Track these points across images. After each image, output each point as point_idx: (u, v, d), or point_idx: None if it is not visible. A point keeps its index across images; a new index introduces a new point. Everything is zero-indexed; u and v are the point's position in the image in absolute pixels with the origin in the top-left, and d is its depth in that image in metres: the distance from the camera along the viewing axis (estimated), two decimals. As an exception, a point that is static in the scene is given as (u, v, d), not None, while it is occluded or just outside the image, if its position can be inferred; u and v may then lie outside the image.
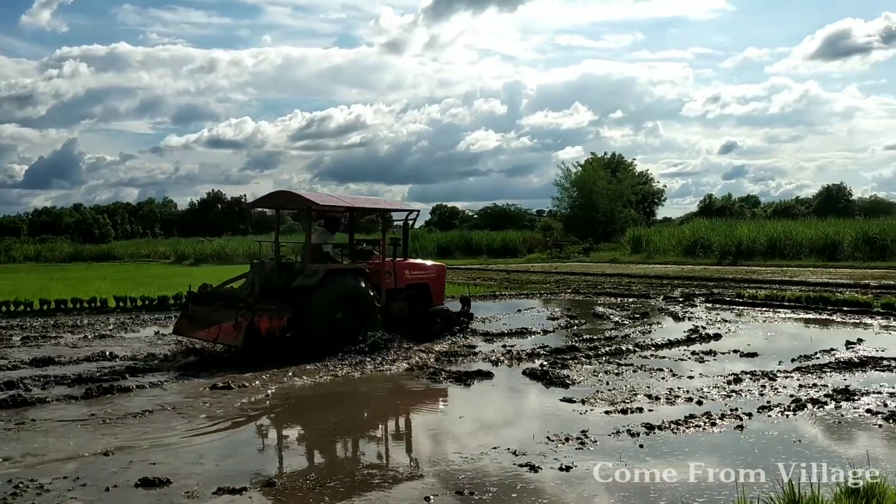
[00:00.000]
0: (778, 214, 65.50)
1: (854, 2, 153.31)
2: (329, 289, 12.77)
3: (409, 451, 7.85)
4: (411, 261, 15.65)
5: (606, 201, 63.45)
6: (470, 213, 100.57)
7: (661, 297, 22.80)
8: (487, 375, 10.98)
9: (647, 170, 76.78)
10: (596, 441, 7.46)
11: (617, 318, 17.41)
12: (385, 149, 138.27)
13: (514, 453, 7.11)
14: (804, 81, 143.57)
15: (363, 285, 13.33)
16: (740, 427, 7.88)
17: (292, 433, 8.66)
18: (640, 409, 8.70)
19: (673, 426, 7.90)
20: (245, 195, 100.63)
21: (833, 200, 71.74)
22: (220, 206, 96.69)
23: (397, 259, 14.80)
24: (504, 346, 13.53)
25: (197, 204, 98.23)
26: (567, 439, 7.51)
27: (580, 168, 67.91)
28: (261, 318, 12.00)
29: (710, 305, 20.44)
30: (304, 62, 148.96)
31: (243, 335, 11.81)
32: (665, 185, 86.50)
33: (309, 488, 6.31)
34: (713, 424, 7.98)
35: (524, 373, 11.11)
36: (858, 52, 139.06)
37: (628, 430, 7.74)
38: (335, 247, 14.49)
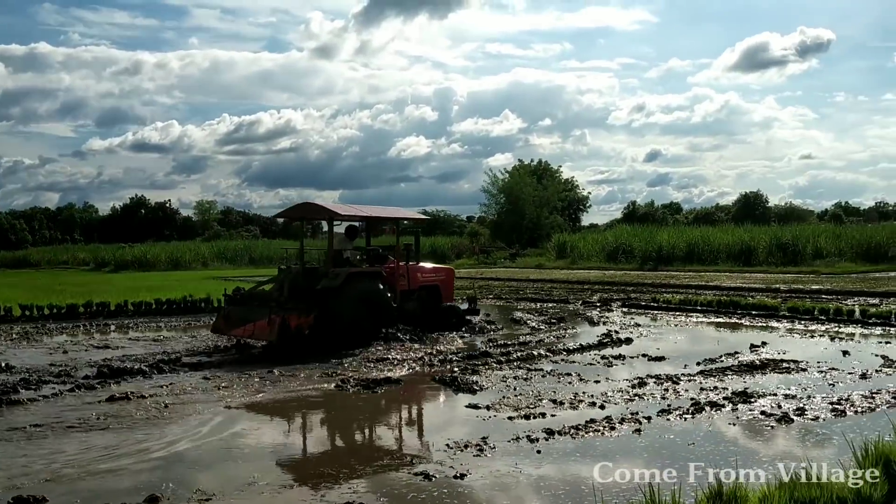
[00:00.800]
0: (699, 221, 67.21)
1: (771, 16, 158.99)
2: (349, 290, 14.07)
3: (300, 463, 7.62)
4: (423, 265, 17.20)
5: (533, 208, 64.15)
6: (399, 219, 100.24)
7: (580, 302, 23.08)
8: (396, 382, 10.87)
9: (573, 177, 78.00)
10: (495, 447, 7.41)
11: (534, 324, 17.52)
12: (315, 154, 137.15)
13: (411, 462, 7.01)
14: (725, 92, 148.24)
15: (380, 287, 14.74)
16: (638, 431, 7.94)
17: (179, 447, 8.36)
18: (544, 415, 8.70)
19: (572, 431, 7.92)
20: (169, 200, 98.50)
21: (751, 207, 74.12)
22: (143, 211, 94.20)
23: (410, 263, 16.18)
24: (417, 352, 13.44)
25: (120, 209, 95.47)
26: (466, 446, 7.45)
27: (507, 175, 68.55)
28: (290, 316, 13.41)
29: (626, 310, 20.77)
30: (232, 66, 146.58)
31: (277, 330, 13.21)
32: (590, 192, 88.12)
33: (197, 500, 6.08)
34: (612, 429, 8.03)
35: (434, 379, 11.05)
36: (775, 65, 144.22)
37: (528, 437, 7.71)
38: (354, 252, 15.62)
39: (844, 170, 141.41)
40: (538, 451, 7.26)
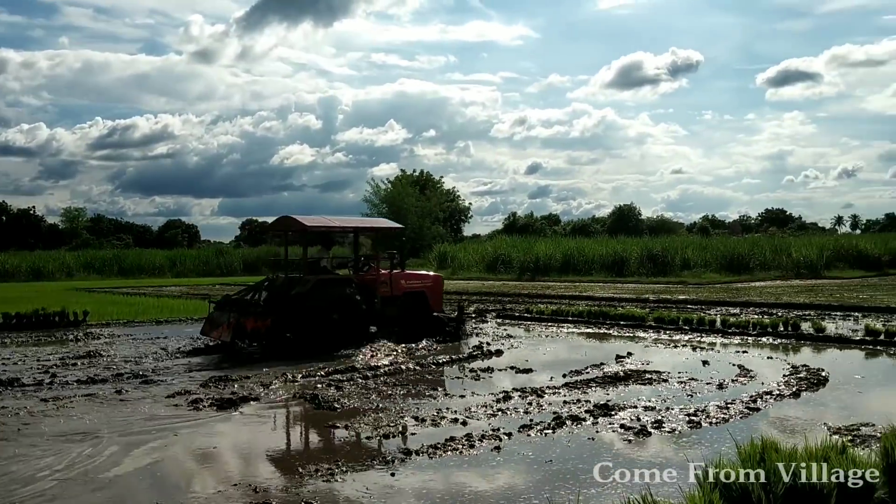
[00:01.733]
0: (576, 232, 69.05)
1: (645, 37, 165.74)
2: (317, 296, 14.83)
3: (136, 491, 6.98)
4: (409, 272, 18.01)
5: (415, 218, 64.12)
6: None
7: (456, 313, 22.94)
8: (255, 399, 10.33)
9: (454, 187, 78.64)
10: (347, 471, 7.04)
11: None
12: (194, 161, 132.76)
13: (255, 490, 6.54)
14: (602, 108, 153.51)
15: (348, 292, 15.26)
16: (497, 448, 7.74)
17: None
18: (403, 433, 8.40)
19: (430, 450, 7.63)
20: (34, 206, 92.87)
21: (624, 219, 76.71)
22: (3, 218, 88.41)
23: (397, 270, 16.96)
24: (282, 368, 12.90)
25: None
26: (317, 470, 7.04)
27: (390, 185, 68.37)
28: (247, 319, 14.69)
29: (500, 321, 20.82)
30: (106, 67, 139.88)
31: (230, 331, 14.69)
32: (471, 203, 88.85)
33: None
34: (471, 447, 7.79)
35: (295, 396, 10.55)
36: (649, 83, 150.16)
37: (384, 458, 7.38)
38: (333, 259, 16.92)
39: (712, 184, 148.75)
40: (392, 474, 6.93)
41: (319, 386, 11.19)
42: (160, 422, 9.25)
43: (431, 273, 18.65)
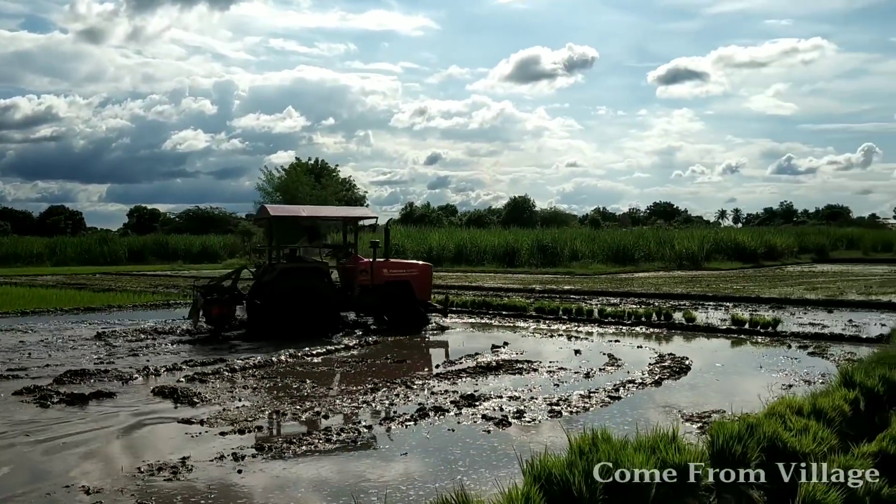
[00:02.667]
0: (471, 223, 69.64)
1: (543, 31, 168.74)
2: (282, 283, 15.39)
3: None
4: (395, 261, 18.38)
5: (310, 207, 63.16)
6: (171, 216, 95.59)
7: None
8: (110, 395, 9.83)
9: (351, 176, 77.95)
10: (192, 469, 6.73)
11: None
12: (81, 144, 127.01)
13: (87, 492, 6.16)
14: (501, 101, 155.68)
15: (314, 280, 15.69)
16: (354, 441, 7.60)
17: None
18: (260, 428, 8.15)
19: (285, 445, 7.41)
20: None
21: (519, 211, 77.92)
22: None
23: (380, 259, 17.13)
24: (147, 359, 12.38)
25: None
26: (161, 469, 6.71)
27: (284, 173, 67.05)
28: (213, 307, 15.79)
29: (385, 311, 20.65)
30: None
31: (190, 311, 16.56)
32: (366, 192, 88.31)
33: None
34: (328, 441, 7.61)
35: (154, 391, 10.09)
36: (546, 78, 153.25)
37: (234, 454, 7.10)
38: (311, 248, 17.32)
39: (605, 178, 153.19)
40: (239, 471, 6.68)
41: (183, 380, 10.77)
42: None
43: (419, 262, 18.44)
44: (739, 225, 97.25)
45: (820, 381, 10.11)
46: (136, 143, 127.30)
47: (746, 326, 15.68)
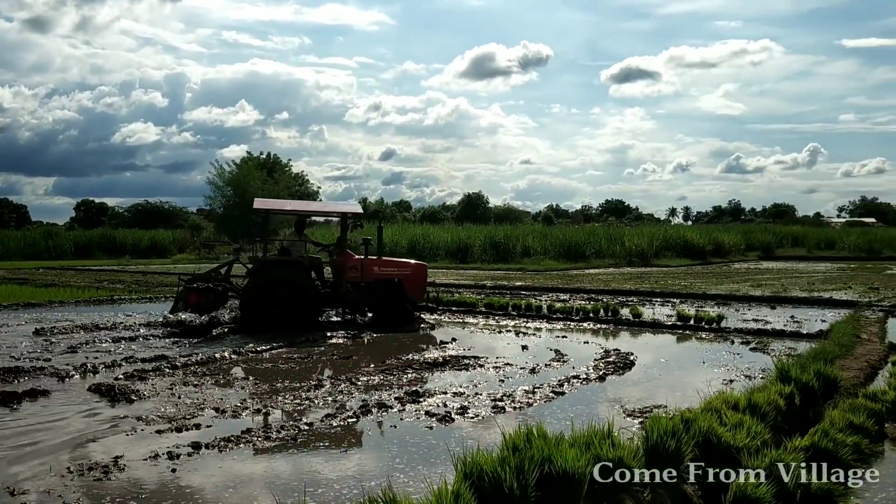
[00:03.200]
0: (425, 219, 69.58)
1: (498, 28, 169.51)
2: (260, 277, 15.63)
3: None
4: (388, 258, 18.02)
5: (261, 202, 62.33)
6: (120, 210, 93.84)
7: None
8: (44, 394, 9.53)
9: (303, 171, 77.23)
10: (125, 468, 6.55)
11: (230, 321, 16.55)
12: (26, 136, 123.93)
13: (13, 493, 5.94)
14: (456, 97, 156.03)
15: (296, 275, 15.71)
16: (293, 439, 7.47)
17: None
18: (199, 426, 7.96)
19: (223, 443, 7.26)
20: None
21: (473, 207, 78.11)
22: None
23: (373, 256, 17.12)
24: (86, 356, 12.07)
25: None
26: (91, 468, 6.51)
27: (235, 167, 66.08)
28: (190, 294, 16.29)
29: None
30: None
31: (174, 304, 16.65)
32: (321, 188, 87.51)
33: None
34: (267, 438, 7.48)
35: (90, 388, 9.81)
36: (501, 75, 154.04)
37: (170, 453, 6.92)
38: (300, 243, 17.16)
39: (559, 175, 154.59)
40: (173, 470, 6.52)
41: (122, 377, 10.50)
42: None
43: (412, 261, 18.30)
44: (689, 223, 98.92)
45: (760, 376, 10.27)
46: (85, 135, 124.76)
47: (691, 322, 15.90)
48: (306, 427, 7.91)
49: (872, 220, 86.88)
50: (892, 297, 20.26)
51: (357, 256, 17.00)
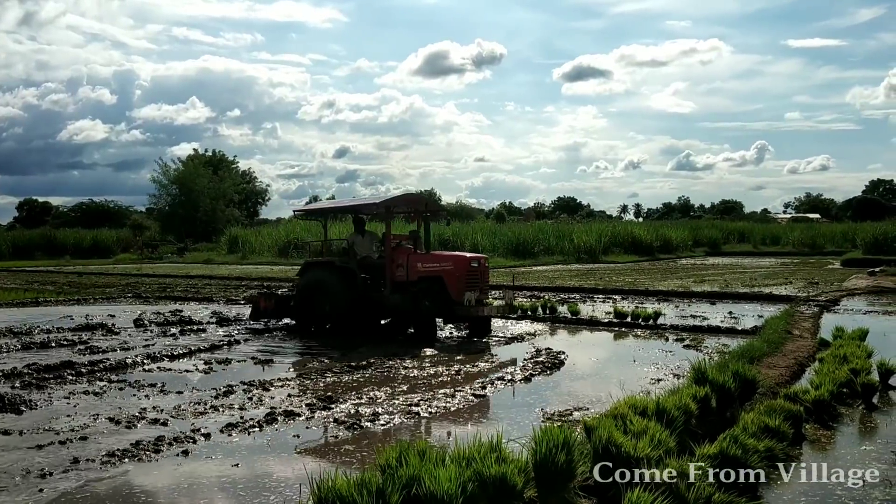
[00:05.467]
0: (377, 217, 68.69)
1: (452, 26, 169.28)
2: (301, 280, 15.47)
3: None
4: (435, 252, 15.89)
5: (208, 200, 61.21)
6: (64, 210, 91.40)
7: (224, 301, 21.80)
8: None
9: (250, 168, 75.99)
10: (-9, 490, 5.99)
11: (155, 328, 15.78)
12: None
13: None
14: (410, 95, 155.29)
15: (329, 276, 14.63)
16: (185, 453, 6.94)
17: None
18: (85, 438, 7.40)
19: (106, 458, 6.70)
20: None
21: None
22: None
23: (419, 252, 15.08)
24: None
25: None
26: (-50, 491, 5.94)
27: (181, 165, 64.77)
28: (261, 299, 16.01)
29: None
30: None
31: (251, 310, 16.36)
32: (269, 185, 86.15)
33: None
34: (157, 451, 6.93)
35: (-20, 399, 9.16)
36: (455, 73, 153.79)
37: (43, 472, 6.36)
38: (363, 243, 15.45)
39: (513, 173, 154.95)
40: (41, 490, 5.97)
41: (18, 384, 9.85)
42: None
43: (457, 254, 15.89)
44: (640, 219, 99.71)
45: (688, 374, 10.00)
46: (30, 132, 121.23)
47: (628, 319, 15.67)
48: (202, 438, 7.39)
49: (817, 215, 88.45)
50: (829, 292, 20.32)
51: (405, 252, 14.82)
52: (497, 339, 14.01)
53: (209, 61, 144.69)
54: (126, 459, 6.74)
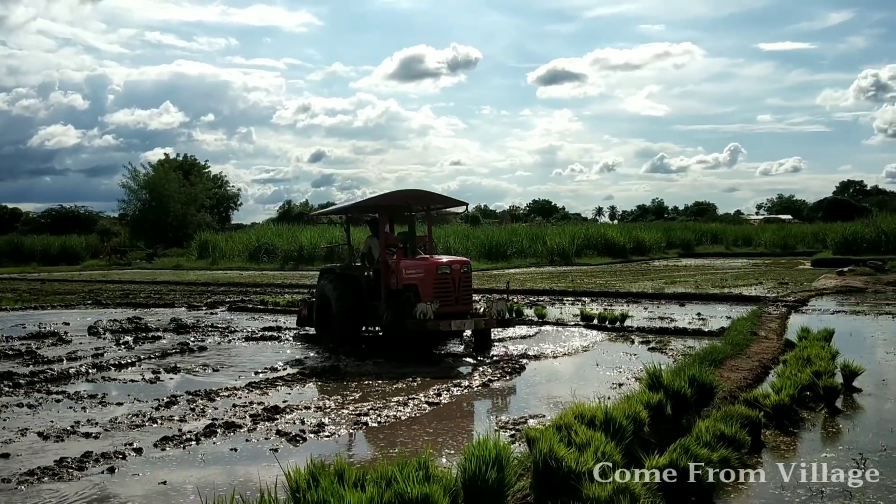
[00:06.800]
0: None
1: (427, 30, 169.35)
2: (317, 287, 15.07)
3: None
4: (419, 257, 13.37)
5: (178, 205, 60.40)
6: (34, 216, 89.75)
7: (186, 307, 21.29)
8: None
9: (222, 172, 75.13)
10: None
11: (109, 335, 15.23)
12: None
13: None
14: (386, 99, 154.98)
15: (326, 285, 14.06)
16: (111, 470, 6.50)
17: None
18: (7, 456, 6.95)
19: (25, 477, 6.25)
20: None
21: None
22: None
23: (419, 256, 13.32)
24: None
25: None
26: None
27: (151, 169, 63.86)
28: (302, 306, 15.73)
29: (230, 314, 19.43)
30: None
31: (297, 317, 15.87)
32: (241, 189, 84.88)
33: None
34: (80, 469, 6.50)
35: None
36: (430, 77, 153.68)
37: (-48, 493, 5.94)
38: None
39: (489, 176, 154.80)
40: (-55, 516, 5.55)
41: (-51, 398, 9.36)
42: None
43: (434, 258, 13.39)
44: (615, 222, 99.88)
45: (643, 380, 9.70)
46: (0, 138, 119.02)
47: (595, 322, 15.39)
48: (133, 453, 6.96)
49: (788, 216, 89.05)
50: (798, 293, 20.20)
51: (400, 256, 13.13)
52: (456, 343, 13.64)
53: (183, 66, 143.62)
54: (46, 478, 6.29)
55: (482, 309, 13.74)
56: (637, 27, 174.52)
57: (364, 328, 14.09)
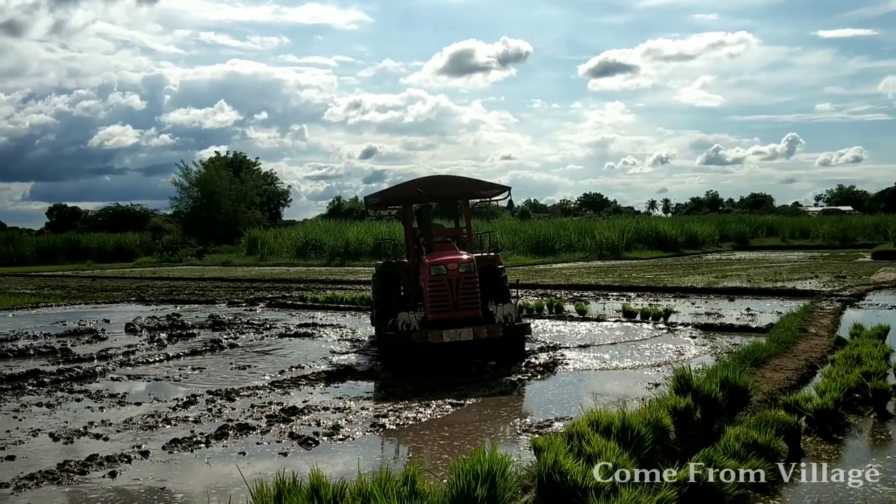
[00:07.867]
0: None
1: (477, 25, 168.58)
2: None
3: None
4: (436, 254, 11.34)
5: (229, 202, 61.03)
6: (92, 214, 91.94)
7: (227, 303, 21.28)
8: None
9: (272, 170, 75.72)
10: None
11: (145, 333, 15.19)
12: (2, 141, 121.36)
13: None
14: (436, 94, 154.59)
15: (376, 282, 12.78)
16: (113, 474, 6.28)
17: None
18: (13, 458, 6.81)
19: (24, 482, 6.08)
20: None
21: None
22: None
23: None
24: None
25: None
26: None
27: (203, 167, 64.63)
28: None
29: (270, 310, 19.33)
30: None
31: None
32: (291, 186, 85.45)
33: None
34: (83, 473, 6.31)
35: (-72, 413, 8.64)
36: (481, 71, 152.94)
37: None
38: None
39: (540, 170, 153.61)
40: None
41: (-25, 397, 9.32)
42: None
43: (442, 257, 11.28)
44: (669, 215, 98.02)
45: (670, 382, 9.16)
46: (62, 139, 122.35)
47: (637, 318, 14.83)
48: (140, 455, 6.75)
49: (849, 208, 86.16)
50: (855, 286, 19.25)
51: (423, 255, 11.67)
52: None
53: (237, 65, 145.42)
54: (45, 482, 6.11)
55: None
56: (690, 17, 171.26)
57: None
